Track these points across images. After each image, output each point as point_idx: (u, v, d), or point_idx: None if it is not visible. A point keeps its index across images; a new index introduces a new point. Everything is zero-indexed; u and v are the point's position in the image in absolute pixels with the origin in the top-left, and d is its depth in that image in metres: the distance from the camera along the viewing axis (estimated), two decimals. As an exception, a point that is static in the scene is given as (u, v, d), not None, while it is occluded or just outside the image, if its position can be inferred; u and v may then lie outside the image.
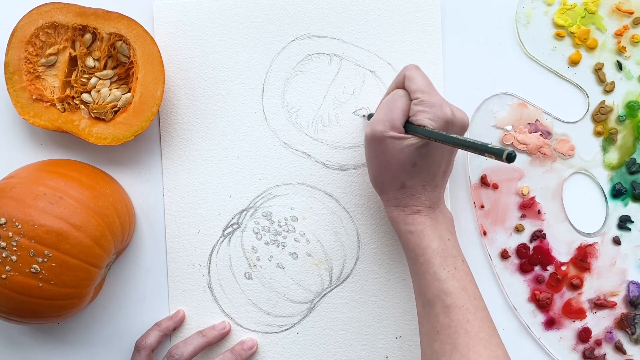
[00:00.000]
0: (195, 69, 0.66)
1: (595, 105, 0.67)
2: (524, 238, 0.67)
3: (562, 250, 0.66)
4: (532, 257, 0.66)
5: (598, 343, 0.66)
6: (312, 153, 0.66)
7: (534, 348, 0.67)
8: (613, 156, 0.67)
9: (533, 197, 0.66)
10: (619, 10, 0.66)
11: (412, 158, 0.56)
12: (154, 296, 0.67)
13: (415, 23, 0.66)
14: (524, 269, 0.66)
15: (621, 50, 0.66)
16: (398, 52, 0.66)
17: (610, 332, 0.66)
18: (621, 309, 0.67)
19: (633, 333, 0.66)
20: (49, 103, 0.63)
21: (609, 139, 0.67)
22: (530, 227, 0.66)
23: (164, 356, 0.64)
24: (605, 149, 0.67)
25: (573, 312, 0.66)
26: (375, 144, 0.57)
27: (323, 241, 0.66)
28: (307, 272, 0.66)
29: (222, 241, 0.66)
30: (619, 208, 0.67)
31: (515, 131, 0.66)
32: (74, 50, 0.63)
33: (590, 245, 0.66)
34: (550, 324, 0.66)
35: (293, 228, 0.66)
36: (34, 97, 0.63)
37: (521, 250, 0.66)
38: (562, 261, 0.66)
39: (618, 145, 0.67)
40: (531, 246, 0.66)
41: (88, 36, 0.63)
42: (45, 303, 0.57)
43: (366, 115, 0.65)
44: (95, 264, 0.58)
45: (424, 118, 0.55)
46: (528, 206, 0.66)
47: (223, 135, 0.66)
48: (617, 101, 0.66)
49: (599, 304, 0.66)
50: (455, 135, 0.52)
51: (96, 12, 0.62)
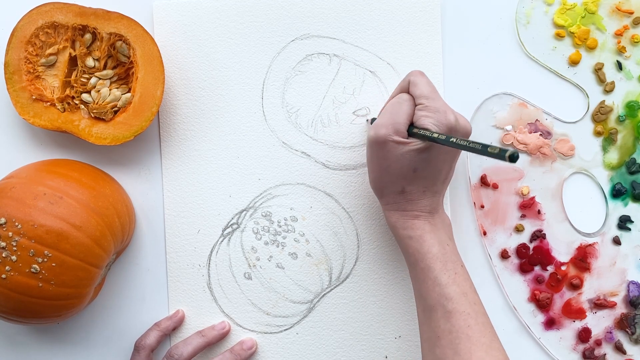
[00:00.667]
0: (195, 69, 0.66)
1: (595, 105, 0.66)
2: (524, 238, 0.66)
3: (562, 250, 0.66)
4: (532, 257, 0.66)
5: (598, 343, 0.66)
6: (312, 153, 0.66)
7: (534, 348, 0.67)
8: (613, 156, 0.67)
9: (533, 197, 0.66)
10: (619, 10, 0.66)
11: (414, 163, 0.56)
12: (154, 296, 0.67)
13: (415, 23, 0.66)
14: (524, 269, 0.66)
15: (621, 50, 0.66)
16: (398, 52, 0.66)
17: (610, 332, 0.66)
18: (621, 309, 0.66)
19: (633, 333, 0.66)
20: (49, 103, 0.63)
21: (609, 139, 0.67)
22: (530, 227, 0.66)
23: (164, 356, 0.64)
24: (605, 149, 0.67)
25: (573, 312, 0.66)
26: (377, 148, 0.57)
27: (323, 241, 0.66)
28: (307, 272, 0.66)
29: (222, 241, 0.66)
30: (619, 208, 0.67)
31: (515, 131, 0.66)
32: (74, 50, 0.63)
33: (590, 245, 0.66)
34: (550, 324, 0.66)
35: (293, 228, 0.66)
36: (34, 97, 0.63)
37: (521, 250, 0.66)
38: (562, 261, 0.66)
39: (618, 145, 0.67)
40: (531, 246, 0.66)
41: (88, 36, 0.63)
42: (45, 303, 0.57)
43: (369, 120, 0.65)
44: (95, 264, 0.58)
45: (428, 123, 0.55)
46: (528, 206, 0.66)
47: (223, 135, 0.66)
48: (617, 101, 0.66)
49: (599, 304, 0.66)
50: (457, 138, 0.52)
51: (96, 12, 0.62)
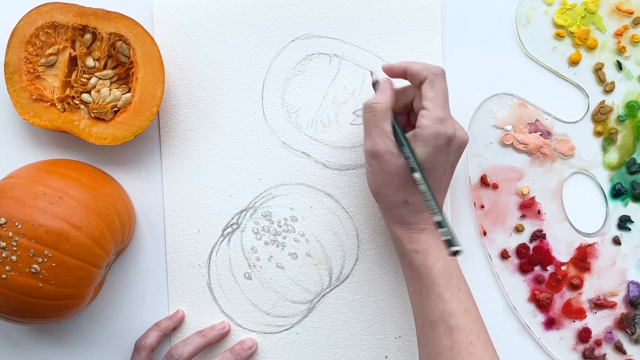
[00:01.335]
0: (195, 69, 0.66)
1: (595, 105, 0.66)
2: (524, 238, 0.66)
3: (562, 250, 0.66)
4: (532, 257, 0.66)
5: (598, 343, 0.66)
6: (312, 153, 0.66)
7: (534, 348, 0.67)
8: (613, 156, 0.67)
9: (533, 197, 0.66)
10: (619, 10, 0.66)
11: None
12: (154, 296, 0.67)
13: (415, 23, 0.66)
14: (524, 269, 0.66)
15: (621, 50, 0.66)
16: (398, 52, 0.66)
17: (610, 332, 0.66)
18: (621, 309, 0.66)
19: (633, 333, 0.66)
20: (49, 103, 0.63)
21: (609, 139, 0.66)
22: (530, 227, 0.66)
23: (164, 356, 0.64)
24: (605, 149, 0.67)
25: (573, 312, 0.66)
26: (375, 161, 0.57)
27: (322, 241, 0.66)
28: (307, 272, 0.66)
29: (222, 241, 0.66)
30: (619, 208, 0.67)
31: (515, 131, 0.66)
32: (74, 50, 0.63)
33: (590, 245, 0.66)
34: (550, 324, 0.66)
35: (292, 228, 0.66)
36: (34, 97, 0.63)
37: (521, 250, 0.66)
38: (562, 261, 0.66)
39: (618, 145, 0.67)
40: (531, 246, 0.66)
41: (88, 36, 0.63)
42: (45, 303, 0.57)
43: (374, 78, 0.62)
44: (95, 264, 0.58)
45: (427, 132, 0.55)
46: (528, 206, 0.66)
47: (223, 135, 0.66)
48: (617, 101, 0.66)
49: (599, 304, 0.66)
50: (425, 182, 0.55)
51: (96, 12, 0.62)
